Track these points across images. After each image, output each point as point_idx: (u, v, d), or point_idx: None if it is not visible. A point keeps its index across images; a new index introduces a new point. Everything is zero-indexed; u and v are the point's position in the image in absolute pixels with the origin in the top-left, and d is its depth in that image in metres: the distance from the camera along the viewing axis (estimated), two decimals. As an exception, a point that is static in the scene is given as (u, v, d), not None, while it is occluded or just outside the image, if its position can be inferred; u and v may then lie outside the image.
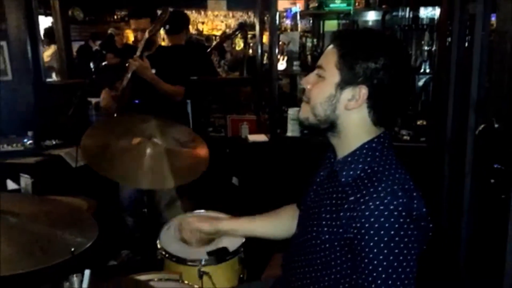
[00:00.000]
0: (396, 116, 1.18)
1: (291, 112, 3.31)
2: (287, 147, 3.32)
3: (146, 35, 2.60)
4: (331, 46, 1.13)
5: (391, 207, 0.98)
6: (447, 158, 2.87)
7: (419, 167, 2.99)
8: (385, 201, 0.98)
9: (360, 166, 1.09)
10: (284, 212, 1.51)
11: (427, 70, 3.21)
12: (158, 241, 1.80)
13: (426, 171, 2.93)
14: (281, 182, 3.16)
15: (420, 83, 3.53)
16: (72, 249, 1.11)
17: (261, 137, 3.51)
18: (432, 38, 3.19)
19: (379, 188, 1.00)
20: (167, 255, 1.71)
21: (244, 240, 1.77)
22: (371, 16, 3.73)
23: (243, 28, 5.34)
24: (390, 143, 1.13)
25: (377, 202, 0.99)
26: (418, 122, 3.24)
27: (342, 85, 1.09)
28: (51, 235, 1.17)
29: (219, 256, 1.68)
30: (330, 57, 1.11)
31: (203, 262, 1.64)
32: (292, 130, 3.33)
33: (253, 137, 3.54)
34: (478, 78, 2.28)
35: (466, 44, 2.56)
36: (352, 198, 1.04)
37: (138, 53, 2.61)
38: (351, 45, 1.10)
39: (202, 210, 2.04)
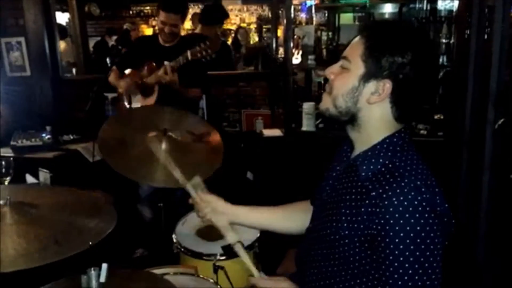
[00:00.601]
0: (418, 112, 1.15)
1: (306, 106, 3.30)
2: (302, 142, 3.30)
3: (189, 57, 2.53)
4: (358, 37, 1.10)
5: (415, 202, 0.97)
6: (465, 153, 2.82)
7: (436, 162, 2.96)
8: (409, 196, 0.97)
9: (381, 160, 1.07)
10: (296, 207, 1.49)
11: (445, 63, 3.16)
12: (173, 235, 1.81)
13: (443, 166, 2.89)
14: (296, 177, 3.15)
15: (438, 76, 3.48)
16: (90, 242, 1.12)
17: (276, 132, 3.50)
18: (450, 30, 3.13)
19: (402, 184, 0.99)
20: (182, 249, 1.73)
21: (259, 235, 1.78)
22: (388, 9, 3.69)
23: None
24: (411, 139, 1.12)
25: (401, 198, 0.97)
26: (436, 116, 3.19)
27: (366, 77, 1.07)
28: (69, 225, 1.20)
29: (234, 251, 1.69)
30: (356, 48, 1.08)
31: (218, 257, 1.65)
32: (307, 125, 3.31)
33: (267, 132, 3.54)
34: (497, 71, 2.23)
35: (485, 37, 2.51)
36: (373, 193, 1.02)
37: (170, 68, 2.57)
38: (378, 37, 1.07)
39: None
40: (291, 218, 1.47)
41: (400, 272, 0.97)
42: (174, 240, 1.79)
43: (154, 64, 2.73)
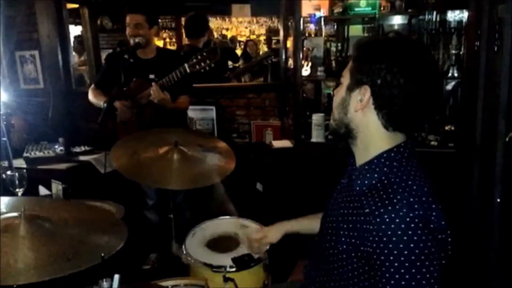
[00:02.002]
0: (412, 120, 1.11)
1: (316, 117, 3.30)
2: (311, 153, 3.30)
3: (187, 70, 2.58)
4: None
5: (408, 219, 0.96)
6: (477, 165, 2.80)
7: (447, 173, 2.94)
8: (401, 213, 0.97)
9: (376, 175, 1.08)
10: None
11: (455, 74, 3.14)
12: (183, 247, 1.82)
13: (454, 178, 2.87)
14: (305, 188, 3.15)
15: (449, 87, 3.46)
16: (102, 254, 1.14)
17: (286, 143, 3.51)
18: (460, 41, 3.12)
19: (395, 200, 0.99)
20: (192, 261, 1.73)
21: (268, 247, 1.78)
22: (397, 20, 3.68)
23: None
24: (412, 153, 1.11)
25: (393, 215, 0.97)
26: (446, 127, 3.17)
27: (352, 87, 1.12)
28: (82, 239, 1.21)
29: (244, 262, 1.69)
30: (348, 65, 1.16)
31: (228, 269, 1.65)
32: (316, 136, 3.31)
33: (277, 143, 3.55)
34: (507, 84, 2.22)
35: (496, 48, 2.50)
36: (367, 210, 1.02)
37: (157, 88, 2.60)
38: (362, 50, 1.12)
39: (227, 216, 2.07)
40: None
41: None
42: (184, 252, 1.79)
43: (141, 80, 2.73)
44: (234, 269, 1.67)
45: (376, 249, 0.98)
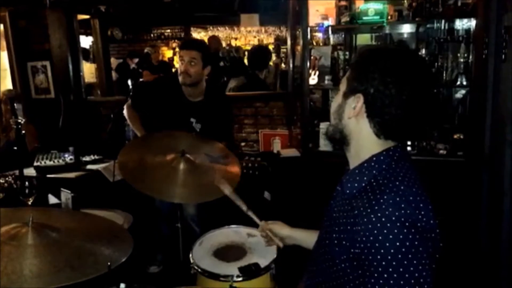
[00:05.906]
0: (403, 130, 1.12)
1: (323, 126, 3.30)
2: (319, 162, 3.30)
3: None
4: None
5: (393, 218, 0.97)
6: (486, 175, 2.77)
7: (456, 182, 2.91)
8: (387, 213, 0.98)
9: (365, 178, 1.10)
10: None
11: (464, 83, 3.13)
12: (190, 256, 1.83)
13: (463, 187, 2.84)
14: (313, 197, 3.14)
15: (458, 95, 3.44)
16: (109, 263, 1.15)
17: (293, 152, 3.51)
18: (469, 49, 3.11)
19: (381, 200, 1.00)
20: (199, 270, 1.74)
21: (275, 256, 1.78)
22: (405, 29, 3.68)
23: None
24: (402, 156, 1.13)
25: (379, 214, 0.98)
26: (455, 136, 3.15)
27: (347, 94, 1.15)
28: (88, 250, 1.22)
29: (251, 272, 1.69)
30: (347, 72, 1.19)
31: (234, 278, 1.65)
32: (324, 145, 3.31)
33: (285, 152, 3.55)
34: (516, 91, 2.21)
35: (503, 57, 2.49)
36: (356, 211, 1.04)
37: None
38: (359, 58, 1.16)
39: (234, 225, 2.07)
40: None
41: None
42: (191, 261, 1.80)
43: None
44: (241, 279, 1.67)
45: (364, 249, 0.99)
